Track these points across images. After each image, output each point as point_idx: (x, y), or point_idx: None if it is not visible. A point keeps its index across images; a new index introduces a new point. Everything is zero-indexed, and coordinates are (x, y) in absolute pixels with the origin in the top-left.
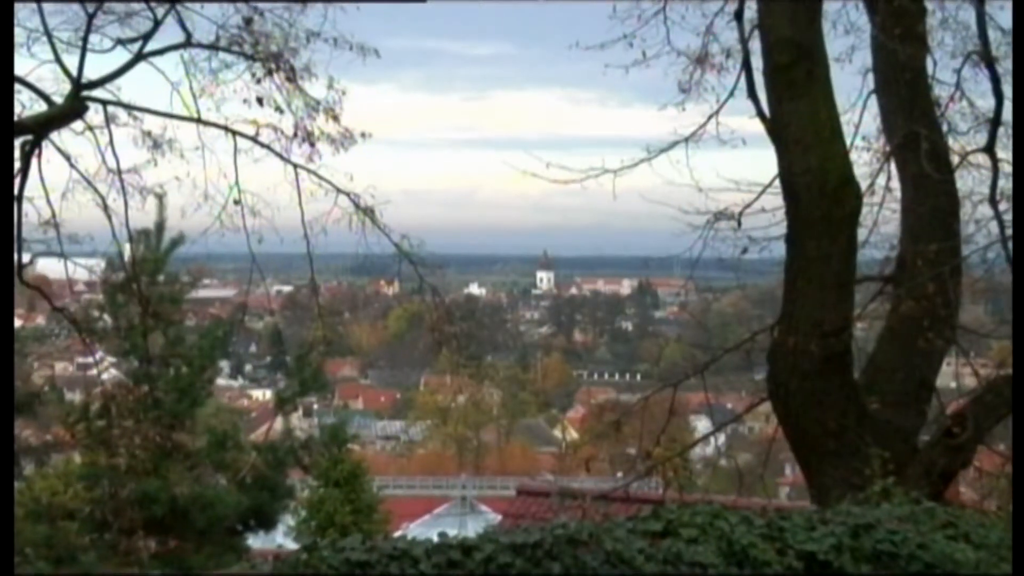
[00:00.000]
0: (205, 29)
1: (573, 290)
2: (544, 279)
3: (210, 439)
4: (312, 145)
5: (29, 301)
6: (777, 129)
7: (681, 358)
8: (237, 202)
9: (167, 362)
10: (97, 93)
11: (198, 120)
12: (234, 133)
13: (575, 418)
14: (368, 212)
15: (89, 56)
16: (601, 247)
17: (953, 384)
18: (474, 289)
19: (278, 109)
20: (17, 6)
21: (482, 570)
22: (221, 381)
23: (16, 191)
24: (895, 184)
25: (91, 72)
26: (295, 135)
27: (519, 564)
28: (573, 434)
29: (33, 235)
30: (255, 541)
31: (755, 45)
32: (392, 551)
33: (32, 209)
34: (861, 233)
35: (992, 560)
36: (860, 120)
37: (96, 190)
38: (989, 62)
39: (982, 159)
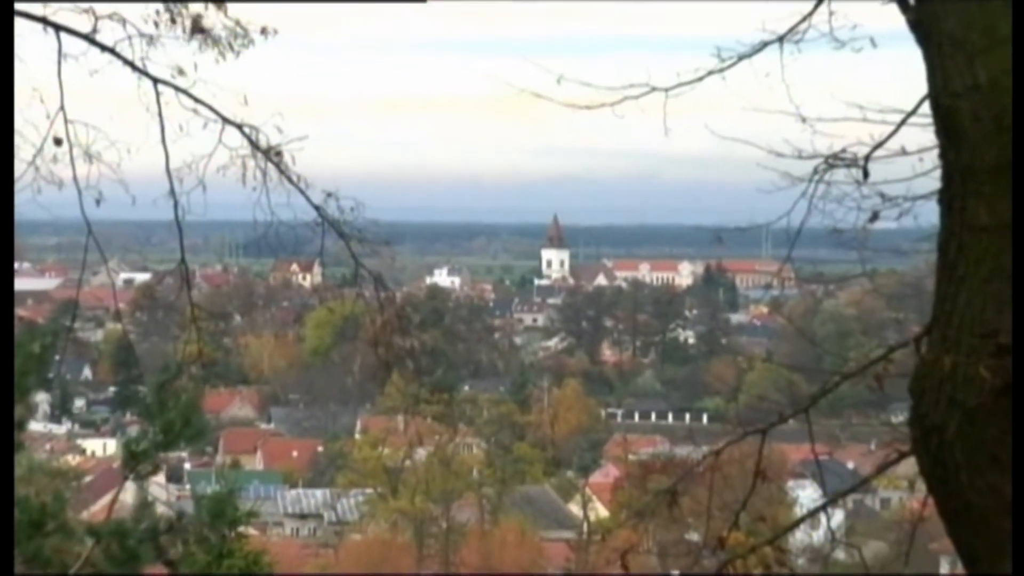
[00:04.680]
0: None
1: (600, 279)
2: (554, 262)
3: (20, 517)
4: (201, 33)
5: None
6: (926, 23)
7: (773, 387)
8: (59, 142)
9: None
10: None
11: None
12: (57, 29)
13: (603, 484)
14: (272, 155)
15: None
16: (645, 211)
17: None
18: (442, 278)
19: None
20: None
21: None
22: (36, 425)
23: None
24: None
25: None
26: (156, 31)
27: None
28: (600, 510)
29: None
30: None
31: None
32: None
33: None
34: None
35: None
36: None
37: None
38: None
39: None
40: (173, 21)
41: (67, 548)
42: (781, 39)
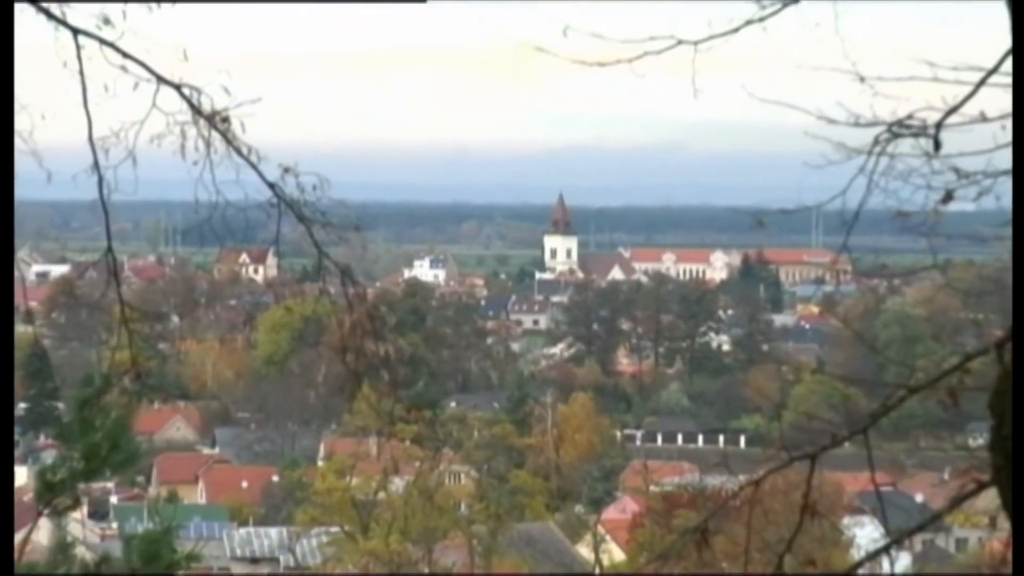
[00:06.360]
0: None
1: (615, 272)
2: (559, 251)
3: None
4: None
5: None
6: None
7: (825, 403)
8: None
9: None
10: None
11: None
12: None
13: (619, 521)
14: (218, 121)
15: None
16: (670, 189)
17: None
18: (424, 270)
19: None
20: None
21: None
22: None
23: None
24: None
25: None
26: None
27: None
28: (615, 552)
29: None
30: None
31: None
32: None
33: None
34: None
35: None
36: None
37: None
38: None
39: None
40: None
41: None
42: None
